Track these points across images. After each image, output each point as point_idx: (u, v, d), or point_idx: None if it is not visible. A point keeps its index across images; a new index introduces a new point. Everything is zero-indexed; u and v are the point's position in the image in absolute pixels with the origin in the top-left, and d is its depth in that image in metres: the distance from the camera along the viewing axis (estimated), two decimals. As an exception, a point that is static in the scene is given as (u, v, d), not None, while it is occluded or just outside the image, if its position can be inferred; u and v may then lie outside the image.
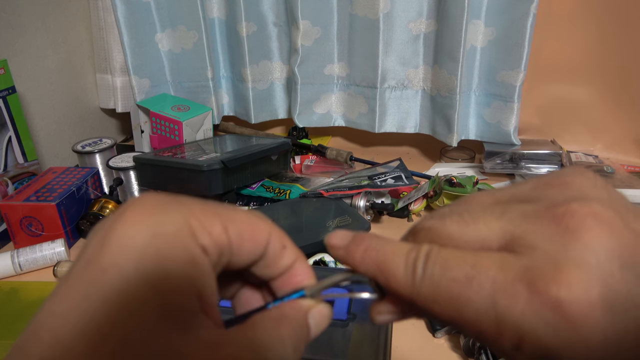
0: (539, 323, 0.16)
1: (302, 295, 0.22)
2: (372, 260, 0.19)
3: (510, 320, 0.16)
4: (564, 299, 0.15)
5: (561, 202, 0.17)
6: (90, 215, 0.76)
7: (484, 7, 0.91)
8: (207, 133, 1.05)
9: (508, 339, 0.16)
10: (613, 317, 0.15)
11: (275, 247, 0.21)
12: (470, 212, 0.19)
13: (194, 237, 0.18)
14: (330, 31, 1.04)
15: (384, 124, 1.06)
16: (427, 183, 0.83)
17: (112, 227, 0.18)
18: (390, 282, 0.19)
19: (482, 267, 0.17)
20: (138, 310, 0.16)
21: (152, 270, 0.17)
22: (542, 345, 0.16)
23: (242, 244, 0.20)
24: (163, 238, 0.17)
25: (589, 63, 0.98)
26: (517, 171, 0.94)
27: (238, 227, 0.20)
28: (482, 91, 0.98)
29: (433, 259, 0.18)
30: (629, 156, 1.00)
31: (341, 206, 0.75)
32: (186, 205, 0.19)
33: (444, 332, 0.55)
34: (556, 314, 0.15)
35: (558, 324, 0.15)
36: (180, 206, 0.19)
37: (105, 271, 0.16)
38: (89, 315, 0.16)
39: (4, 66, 0.77)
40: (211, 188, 0.78)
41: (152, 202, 0.19)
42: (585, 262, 0.16)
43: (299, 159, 1.03)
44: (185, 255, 0.18)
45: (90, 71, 1.13)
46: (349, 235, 0.21)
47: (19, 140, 0.81)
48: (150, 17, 1.06)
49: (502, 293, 0.16)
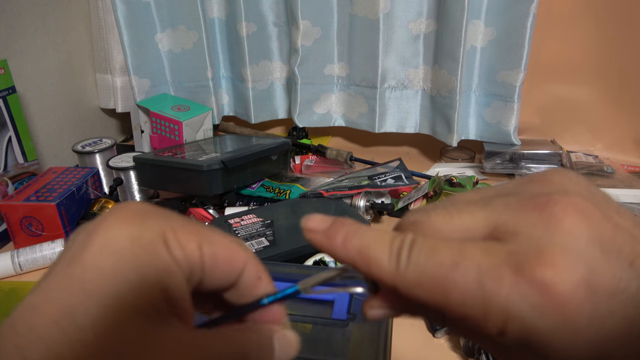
0: (524, 305, 0.16)
1: (296, 290, 0.22)
2: (353, 246, 0.19)
3: (496, 303, 0.16)
4: (549, 280, 0.16)
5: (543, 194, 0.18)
6: (90, 215, 0.76)
7: (484, 7, 0.91)
8: (207, 133, 1.05)
9: (493, 323, 0.16)
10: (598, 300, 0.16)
11: (250, 277, 0.22)
12: (454, 205, 0.20)
13: (167, 248, 0.19)
14: (330, 31, 1.04)
15: (384, 124, 1.06)
16: (427, 183, 0.83)
17: (94, 230, 0.19)
18: (372, 269, 0.19)
19: (468, 252, 0.17)
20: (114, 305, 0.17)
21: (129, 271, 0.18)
22: (527, 329, 0.16)
23: (216, 265, 0.20)
24: (139, 243, 0.19)
25: (589, 63, 0.98)
26: (517, 171, 0.94)
27: (214, 248, 0.20)
28: (482, 91, 0.98)
29: (419, 245, 0.18)
30: (629, 156, 1.00)
31: (341, 206, 0.75)
32: (167, 218, 0.20)
33: (444, 332, 0.55)
34: (542, 296, 0.16)
35: (543, 306, 0.16)
36: (160, 218, 0.20)
37: (86, 269, 0.18)
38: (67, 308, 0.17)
39: (4, 66, 0.77)
40: (211, 188, 0.78)
41: (134, 210, 0.20)
42: (568, 246, 0.16)
43: (299, 159, 1.03)
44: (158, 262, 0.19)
45: (90, 71, 1.13)
46: (327, 219, 0.21)
47: (19, 140, 0.81)
48: (150, 17, 1.06)
49: (488, 276, 0.16)
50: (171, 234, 0.19)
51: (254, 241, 0.66)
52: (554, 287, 0.16)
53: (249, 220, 0.71)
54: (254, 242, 0.66)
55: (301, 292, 0.22)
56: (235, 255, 0.21)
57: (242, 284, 0.21)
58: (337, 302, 0.49)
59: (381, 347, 0.43)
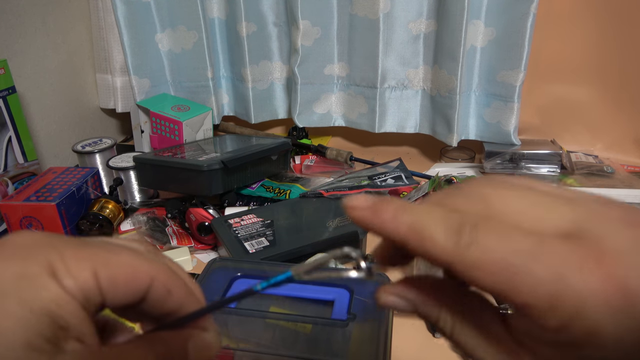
0: (601, 303, 0.16)
1: (289, 276, 0.22)
2: (404, 221, 0.19)
3: (571, 297, 0.16)
4: (632, 284, 0.16)
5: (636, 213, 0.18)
6: (90, 215, 0.76)
7: (484, 7, 0.91)
8: (207, 133, 1.05)
9: (559, 315, 0.16)
10: None
11: (158, 293, 0.22)
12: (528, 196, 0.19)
13: (56, 280, 0.19)
14: (330, 31, 1.04)
15: (384, 124, 1.06)
16: (427, 183, 0.83)
17: None
18: (426, 245, 0.18)
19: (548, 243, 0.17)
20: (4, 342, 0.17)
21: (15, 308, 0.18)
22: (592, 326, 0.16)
23: (116, 288, 0.20)
24: (25, 279, 0.19)
25: (589, 63, 0.98)
26: (517, 171, 0.94)
27: (112, 271, 0.20)
28: (482, 91, 0.98)
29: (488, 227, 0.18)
30: (629, 156, 1.00)
31: (341, 206, 0.75)
32: (55, 247, 0.20)
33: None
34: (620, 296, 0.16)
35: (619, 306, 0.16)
36: (49, 249, 0.20)
37: None
38: None
39: (4, 66, 0.77)
40: (211, 188, 0.78)
41: (19, 244, 0.20)
42: None
43: (299, 159, 1.03)
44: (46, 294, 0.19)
45: (90, 71, 1.13)
46: (372, 197, 0.21)
47: (19, 140, 0.81)
48: (150, 17, 1.06)
49: (572, 268, 0.16)
50: (60, 264, 0.19)
51: (254, 241, 0.66)
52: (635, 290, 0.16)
53: (249, 220, 0.71)
54: (254, 242, 0.66)
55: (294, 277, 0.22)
56: (137, 273, 0.21)
57: (150, 299, 0.21)
58: (337, 302, 0.49)
59: (381, 347, 0.43)
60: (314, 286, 0.51)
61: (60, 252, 0.20)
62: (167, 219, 0.79)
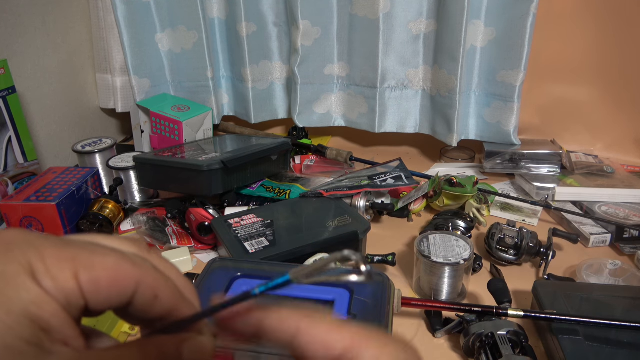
0: None
1: (287, 279, 0.22)
2: None
3: None
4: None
5: None
6: (90, 215, 0.76)
7: (484, 7, 0.91)
8: (207, 133, 1.05)
9: None
10: None
11: (144, 297, 0.21)
12: None
13: (35, 279, 0.19)
14: (330, 31, 1.04)
15: (384, 124, 1.06)
16: (427, 183, 0.83)
17: None
18: None
19: None
20: None
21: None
22: None
23: (98, 291, 0.20)
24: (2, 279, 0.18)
25: (589, 63, 0.98)
26: (517, 171, 0.94)
27: (94, 273, 0.20)
28: (482, 91, 0.99)
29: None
30: (629, 156, 1.00)
31: (341, 206, 0.75)
32: (36, 247, 0.19)
33: (444, 332, 0.55)
34: None
35: None
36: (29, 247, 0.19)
37: None
38: None
39: (4, 66, 0.77)
40: (211, 188, 0.78)
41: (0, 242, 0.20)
42: None
43: (299, 159, 1.03)
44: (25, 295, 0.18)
45: (90, 71, 1.13)
46: None
47: (19, 140, 0.81)
48: (150, 17, 1.06)
49: None
50: (40, 264, 0.19)
51: (254, 241, 0.66)
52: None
53: (249, 220, 0.71)
54: (254, 242, 0.66)
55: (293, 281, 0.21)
56: (121, 276, 0.20)
57: (137, 303, 0.21)
58: (337, 302, 0.49)
59: (381, 347, 0.43)
60: (314, 286, 0.51)
61: (40, 251, 0.19)
62: (167, 219, 0.79)
